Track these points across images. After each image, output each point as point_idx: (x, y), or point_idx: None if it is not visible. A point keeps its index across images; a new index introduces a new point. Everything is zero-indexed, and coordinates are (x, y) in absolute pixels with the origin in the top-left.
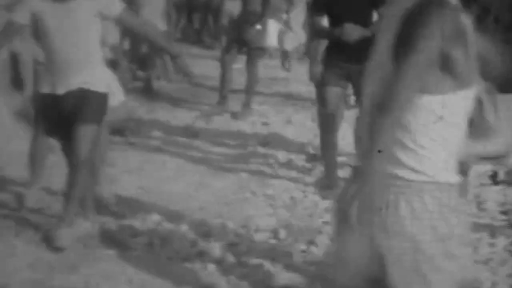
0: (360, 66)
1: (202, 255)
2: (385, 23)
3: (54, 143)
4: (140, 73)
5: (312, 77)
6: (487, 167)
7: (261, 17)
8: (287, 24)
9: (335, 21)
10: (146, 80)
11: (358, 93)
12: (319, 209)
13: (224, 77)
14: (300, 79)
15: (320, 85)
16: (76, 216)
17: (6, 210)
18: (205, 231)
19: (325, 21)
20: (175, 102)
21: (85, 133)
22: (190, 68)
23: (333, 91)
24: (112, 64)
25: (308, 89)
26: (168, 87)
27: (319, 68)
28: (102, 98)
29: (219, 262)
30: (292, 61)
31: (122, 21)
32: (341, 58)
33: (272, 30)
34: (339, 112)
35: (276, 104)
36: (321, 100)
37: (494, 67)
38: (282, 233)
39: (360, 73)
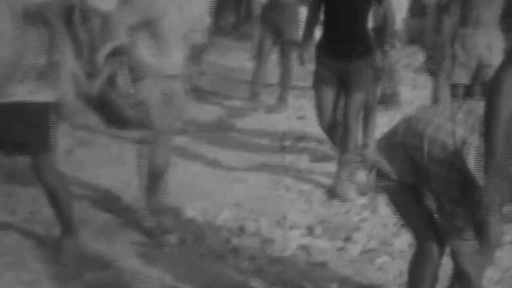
0: (351, 64)
1: (235, 252)
2: None
3: None
4: None
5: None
6: None
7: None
8: None
9: (331, 15)
10: None
11: (344, 92)
12: (356, 205)
13: (257, 71)
14: None
15: (315, 90)
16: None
17: (35, 206)
18: (239, 228)
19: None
20: (208, 95)
21: (43, 163)
22: None
23: (326, 100)
24: None
25: None
26: (201, 81)
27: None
28: (42, 112)
29: (253, 260)
30: None
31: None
32: (330, 55)
33: None
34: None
35: (312, 98)
36: (316, 109)
37: None
38: (318, 230)
39: (348, 72)
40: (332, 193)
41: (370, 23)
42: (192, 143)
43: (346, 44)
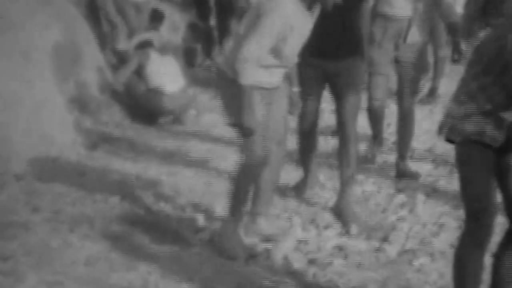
0: (338, 63)
1: (268, 253)
2: None
3: None
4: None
5: None
6: None
7: None
8: None
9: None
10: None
11: (335, 95)
12: (394, 204)
13: None
14: None
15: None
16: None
17: (59, 204)
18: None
19: None
20: None
21: None
22: None
23: (311, 106)
24: (187, 52)
25: None
26: None
27: None
28: None
29: (286, 260)
30: None
31: None
32: (316, 54)
33: None
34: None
35: None
36: (299, 116)
37: None
38: (354, 230)
39: (337, 72)
40: (336, 214)
41: None
42: (221, 138)
43: (335, 40)
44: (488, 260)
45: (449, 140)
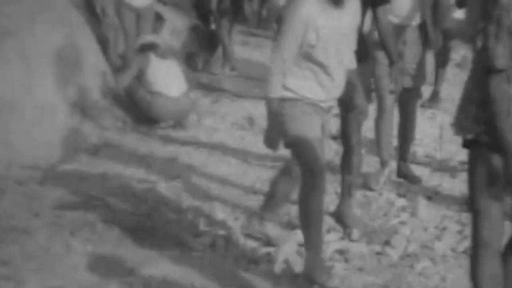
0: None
1: (269, 257)
2: None
3: None
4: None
5: None
6: None
7: None
8: None
9: None
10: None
11: (341, 102)
12: (395, 207)
13: None
14: None
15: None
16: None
17: (60, 208)
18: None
19: None
20: (240, 92)
21: None
22: None
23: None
24: (189, 56)
25: None
26: (233, 77)
27: None
28: None
29: (287, 264)
30: None
31: None
32: None
33: None
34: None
35: None
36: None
37: None
38: (355, 233)
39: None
40: (337, 218)
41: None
42: (222, 142)
43: None
44: None
45: (465, 145)
